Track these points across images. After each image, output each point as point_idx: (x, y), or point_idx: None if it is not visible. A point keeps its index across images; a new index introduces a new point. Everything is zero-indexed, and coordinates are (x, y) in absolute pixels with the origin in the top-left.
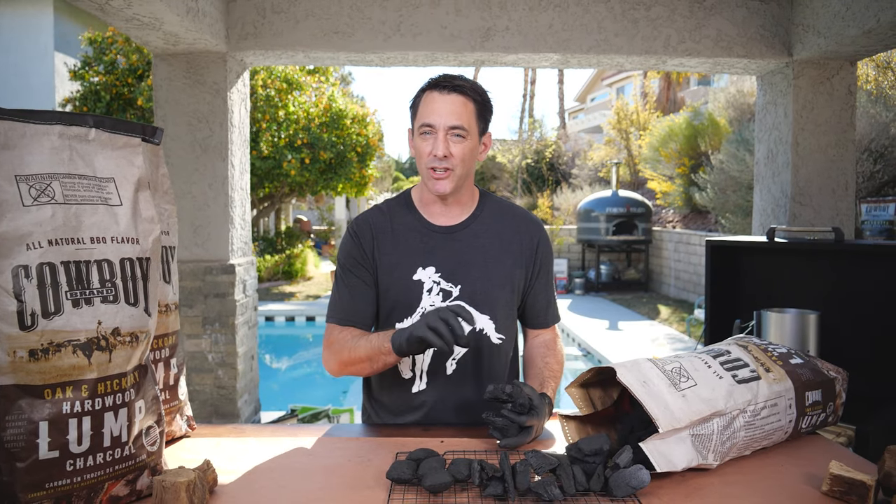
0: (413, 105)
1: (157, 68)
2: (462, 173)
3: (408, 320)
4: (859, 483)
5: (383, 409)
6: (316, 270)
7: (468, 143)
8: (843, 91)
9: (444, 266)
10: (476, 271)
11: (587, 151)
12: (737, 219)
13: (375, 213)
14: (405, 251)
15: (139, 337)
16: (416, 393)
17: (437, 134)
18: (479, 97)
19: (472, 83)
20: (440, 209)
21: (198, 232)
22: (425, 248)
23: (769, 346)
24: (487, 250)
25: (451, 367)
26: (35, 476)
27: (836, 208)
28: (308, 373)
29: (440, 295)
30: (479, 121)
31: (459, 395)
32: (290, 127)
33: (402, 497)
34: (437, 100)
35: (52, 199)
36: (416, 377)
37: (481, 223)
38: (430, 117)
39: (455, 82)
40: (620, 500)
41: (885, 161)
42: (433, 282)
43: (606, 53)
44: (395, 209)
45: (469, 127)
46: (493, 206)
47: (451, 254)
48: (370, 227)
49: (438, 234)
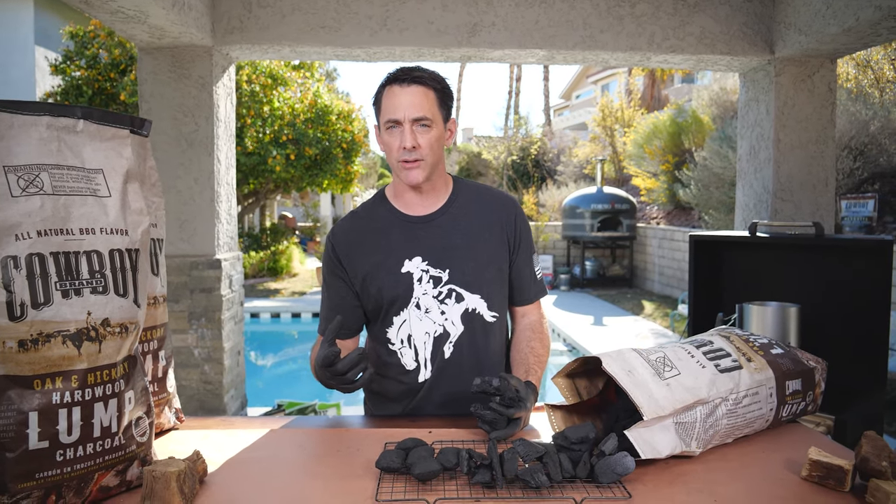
0: (376, 101)
1: (142, 62)
2: (432, 161)
3: (403, 312)
4: (837, 468)
5: (384, 399)
6: (301, 267)
7: (434, 132)
8: (824, 88)
9: (429, 254)
10: (461, 253)
11: (572, 148)
12: (720, 215)
13: (351, 220)
14: (389, 247)
15: (129, 328)
16: (422, 382)
17: (402, 127)
18: (439, 85)
19: (430, 72)
20: (416, 199)
21: (183, 227)
22: (408, 240)
23: (751, 337)
24: (469, 232)
25: (448, 351)
26: (25, 466)
27: (816, 204)
28: (293, 369)
29: (431, 282)
30: (441, 108)
31: (457, 376)
32: (275, 123)
33: (391, 485)
34: (398, 94)
35: (41, 190)
36: (421, 366)
37: (459, 207)
38: (395, 112)
39: (414, 74)
40: (606, 487)
41: (865, 158)
42: (422, 271)
43: (592, 50)
44: (372, 209)
45: (433, 116)
46: (468, 190)
47: (434, 241)
48: (345, 236)
49: (419, 224)
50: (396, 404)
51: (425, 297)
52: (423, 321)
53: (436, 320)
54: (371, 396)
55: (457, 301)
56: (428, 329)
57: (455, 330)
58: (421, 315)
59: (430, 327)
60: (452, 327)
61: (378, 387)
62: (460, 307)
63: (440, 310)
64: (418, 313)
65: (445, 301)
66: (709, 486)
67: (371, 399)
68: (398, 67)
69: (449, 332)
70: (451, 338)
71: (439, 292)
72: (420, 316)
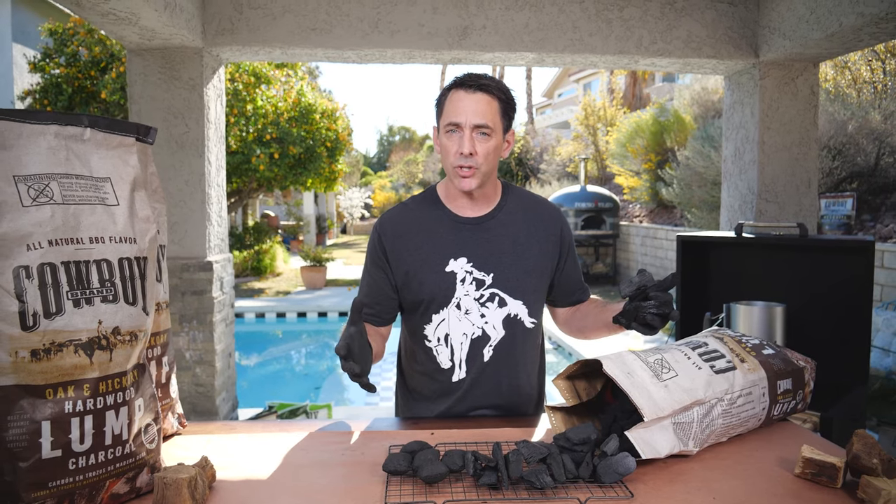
0: (438, 103)
1: (132, 63)
2: (486, 171)
3: (443, 311)
4: (830, 465)
5: (420, 398)
6: (285, 266)
7: (493, 141)
8: (807, 91)
9: (474, 256)
10: (506, 259)
11: (555, 147)
12: (702, 213)
13: (402, 211)
14: (436, 244)
15: (138, 336)
16: (456, 382)
17: (462, 132)
18: (504, 95)
19: (497, 82)
20: (466, 203)
21: (174, 229)
22: (455, 240)
23: (743, 338)
24: (515, 238)
25: (488, 354)
26: (38, 475)
27: (800, 204)
28: (279, 369)
29: (473, 284)
30: (503, 118)
31: (495, 379)
32: (258, 121)
33: (399, 488)
34: (462, 98)
35: (51, 200)
36: (456, 366)
37: (507, 213)
38: (456, 116)
39: (480, 81)
40: (608, 487)
41: (843, 158)
42: (465, 272)
43: (581, 53)
44: (422, 205)
45: (494, 125)
46: (517, 196)
47: (480, 244)
48: (393, 227)
49: (467, 226)
50: (432, 405)
51: (466, 299)
52: (462, 322)
53: (475, 322)
54: (405, 395)
55: (499, 306)
56: (466, 330)
57: (496, 334)
58: (460, 316)
59: (468, 328)
60: (493, 331)
61: (414, 383)
62: (503, 312)
63: (480, 312)
64: (458, 314)
65: (487, 304)
66: (707, 484)
67: (405, 397)
68: (466, 73)
69: (489, 336)
70: (492, 341)
71: (481, 295)
72: (459, 316)
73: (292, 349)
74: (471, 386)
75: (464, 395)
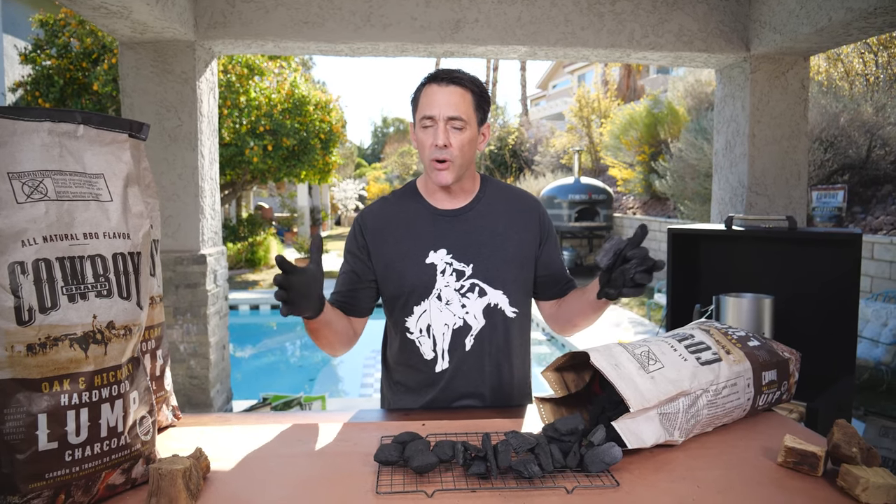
0: (414, 99)
1: (124, 56)
2: (462, 163)
3: (424, 302)
4: (811, 454)
5: (404, 391)
6: None
7: (467, 134)
8: (797, 85)
9: (454, 247)
10: (486, 250)
11: (549, 138)
12: (695, 205)
13: (382, 206)
14: (415, 237)
15: (132, 330)
16: (439, 372)
17: (437, 125)
18: (477, 88)
19: (469, 76)
20: (445, 196)
21: (168, 222)
22: (434, 231)
23: (729, 330)
24: (494, 229)
25: (469, 343)
26: (35, 467)
27: (789, 197)
28: (273, 361)
29: (454, 275)
30: (477, 111)
31: (478, 367)
32: (251, 113)
33: (390, 478)
34: (435, 92)
35: (45, 196)
36: (439, 357)
37: (486, 204)
38: (430, 109)
39: (453, 74)
40: (595, 476)
41: (835, 150)
42: (445, 263)
43: (573, 46)
44: (402, 199)
45: (467, 117)
46: (495, 188)
47: (460, 235)
48: (374, 220)
49: (446, 218)
50: (417, 397)
51: (447, 290)
52: (444, 313)
53: (456, 313)
54: (391, 387)
55: (479, 296)
56: (447, 321)
57: (477, 324)
58: (441, 307)
59: (449, 319)
60: (474, 321)
61: (399, 376)
62: (483, 301)
63: (461, 303)
64: (439, 305)
65: (467, 295)
66: (691, 473)
67: (391, 390)
68: (439, 68)
69: (470, 326)
70: (473, 331)
71: (461, 286)
72: (440, 307)
73: (286, 341)
74: (453, 375)
75: (447, 385)
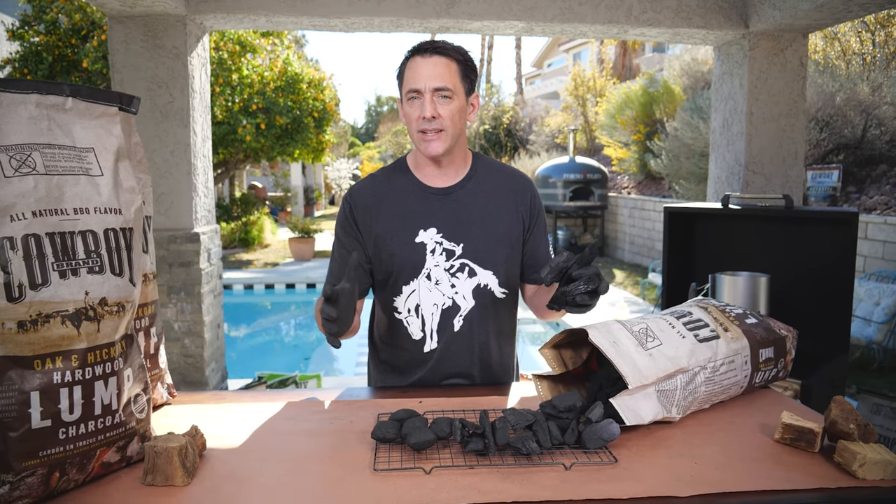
0: (399, 74)
1: (113, 31)
2: (453, 133)
3: (413, 282)
4: (808, 430)
5: (391, 370)
6: (273, 238)
7: (455, 103)
8: (796, 63)
9: (444, 226)
10: (476, 229)
11: (544, 118)
12: (690, 185)
13: (370, 183)
14: (405, 215)
15: (125, 307)
16: (427, 352)
17: (423, 97)
18: (462, 57)
19: (453, 45)
20: (435, 171)
21: (160, 200)
22: (425, 210)
23: (727, 307)
24: (485, 208)
25: (458, 324)
26: (28, 445)
27: (786, 176)
28: (268, 340)
29: (443, 255)
30: (463, 81)
31: (467, 348)
32: (244, 91)
33: (387, 455)
34: (420, 64)
35: (34, 170)
36: (427, 337)
37: (476, 183)
38: (416, 82)
39: (436, 45)
40: (593, 452)
41: (831, 129)
42: (435, 242)
43: (570, 22)
44: (391, 176)
45: (454, 87)
46: (486, 166)
47: (450, 214)
48: (362, 198)
49: (436, 196)
50: (404, 376)
51: (437, 269)
52: (433, 292)
53: (445, 293)
54: (377, 366)
55: (469, 276)
56: (437, 301)
57: (466, 304)
58: (431, 286)
59: (438, 299)
60: (463, 301)
61: (385, 356)
62: (473, 282)
63: (450, 283)
64: (428, 284)
65: (457, 275)
66: (689, 450)
67: (377, 368)
68: (422, 41)
69: (459, 306)
70: (462, 311)
71: (451, 265)
72: (430, 287)
73: (281, 320)
74: (442, 355)
75: (435, 365)
